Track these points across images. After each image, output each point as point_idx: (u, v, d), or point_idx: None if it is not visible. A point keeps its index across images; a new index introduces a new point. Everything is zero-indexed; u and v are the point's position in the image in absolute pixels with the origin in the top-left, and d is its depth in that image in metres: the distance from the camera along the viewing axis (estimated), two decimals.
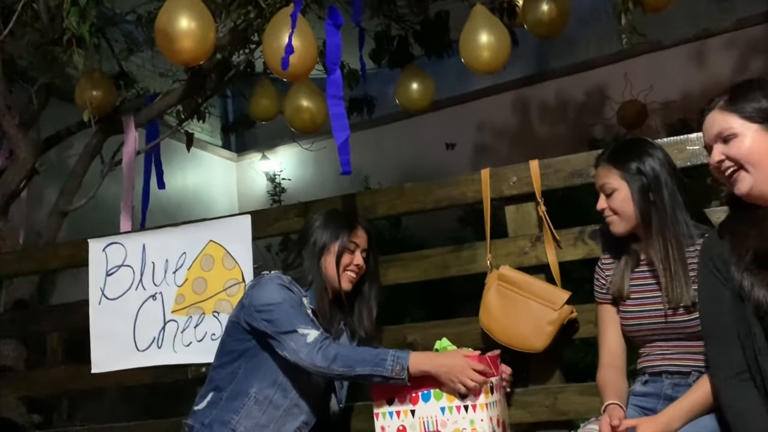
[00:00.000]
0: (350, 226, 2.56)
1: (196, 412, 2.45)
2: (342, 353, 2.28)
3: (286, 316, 2.35)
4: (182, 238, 3.12)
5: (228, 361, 2.46)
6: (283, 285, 2.41)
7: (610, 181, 2.24)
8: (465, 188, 2.83)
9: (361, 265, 2.54)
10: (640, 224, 2.19)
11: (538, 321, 2.51)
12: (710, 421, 1.98)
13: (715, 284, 1.87)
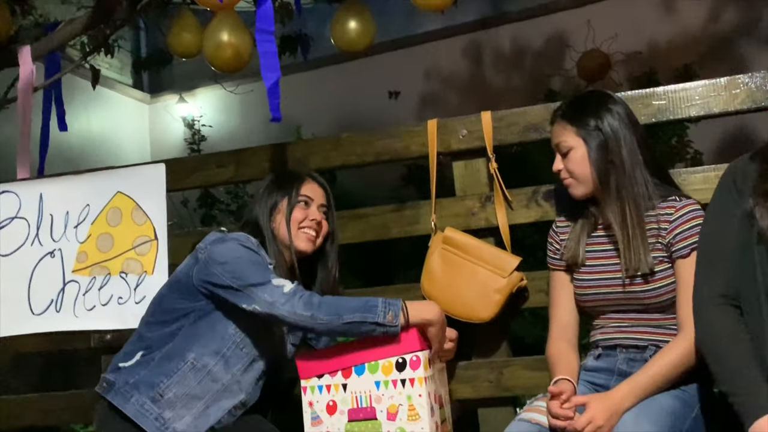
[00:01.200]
0: (299, 179, 2.55)
1: (120, 369, 2.41)
2: (327, 300, 2.26)
3: (254, 268, 2.32)
4: (85, 188, 3.06)
5: (166, 320, 2.42)
6: (249, 247, 2.38)
7: (565, 139, 2.27)
8: (409, 141, 2.84)
9: (319, 220, 2.52)
10: (598, 186, 2.24)
11: (485, 289, 2.56)
12: (666, 399, 2.05)
13: (729, 201, 1.96)
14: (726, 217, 1.95)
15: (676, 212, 2.19)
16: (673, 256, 2.17)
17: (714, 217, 2.01)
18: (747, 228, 1.88)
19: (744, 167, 1.98)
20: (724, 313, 1.89)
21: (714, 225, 2.00)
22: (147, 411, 2.31)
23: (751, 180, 1.93)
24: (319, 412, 2.34)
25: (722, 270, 1.92)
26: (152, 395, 2.32)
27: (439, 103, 7.76)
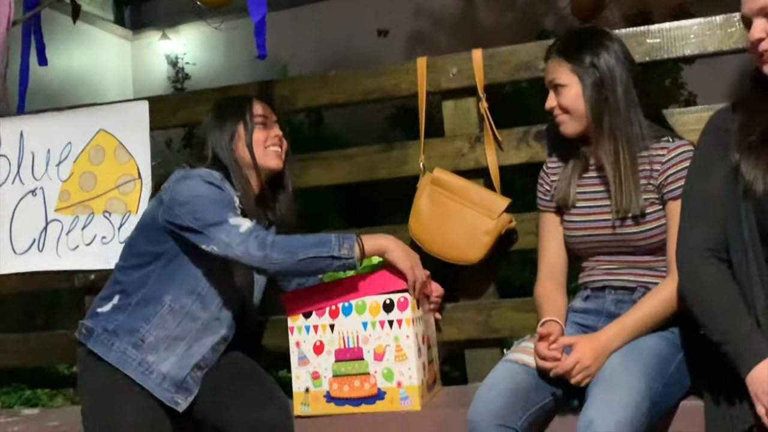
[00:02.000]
0: (247, 101, 2.55)
1: (98, 315, 2.43)
2: (280, 240, 2.26)
3: (214, 207, 2.32)
4: (67, 126, 3.04)
5: (139, 263, 2.43)
6: (211, 182, 2.37)
7: (560, 75, 2.26)
8: (398, 79, 2.82)
9: (281, 136, 2.55)
10: (591, 124, 2.24)
11: (474, 230, 2.57)
12: (653, 341, 2.08)
13: (713, 155, 1.96)
14: (711, 170, 1.95)
15: (668, 153, 2.19)
16: (665, 197, 2.18)
17: (699, 169, 2.01)
18: (733, 183, 1.89)
19: (727, 118, 1.98)
20: (710, 265, 1.90)
21: (699, 178, 1.99)
22: (129, 357, 2.33)
23: (733, 133, 1.92)
24: (306, 352, 2.37)
25: (708, 223, 1.92)
26: (133, 341, 2.34)
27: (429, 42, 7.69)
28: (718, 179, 1.92)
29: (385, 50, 7.32)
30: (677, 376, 2.06)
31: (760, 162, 1.84)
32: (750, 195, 1.85)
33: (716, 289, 1.88)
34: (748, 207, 1.86)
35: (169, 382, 2.35)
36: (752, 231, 1.85)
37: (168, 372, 2.35)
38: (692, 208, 1.98)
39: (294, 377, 2.40)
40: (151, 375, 2.33)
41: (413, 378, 2.30)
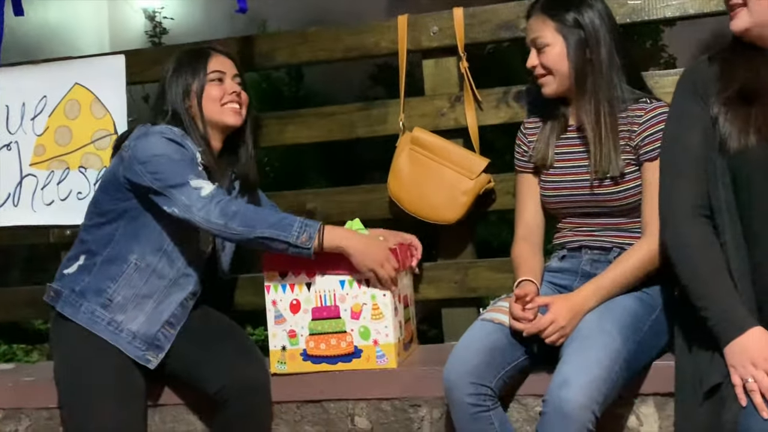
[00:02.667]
0: (205, 55, 2.48)
1: (64, 276, 2.42)
2: (243, 211, 2.24)
3: (175, 167, 2.28)
4: (42, 79, 3.00)
5: (103, 222, 2.41)
6: (172, 139, 2.34)
7: (544, 34, 2.24)
8: (379, 36, 2.80)
9: (239, 92, 2.48)
10: (573, 85, 2.23)
11: (452, 190, 2.57)
12: (627, 301, 2.10)
13: (692, 107, 1.95)
14: (690, 123, 1.95)
15: (645, 114, 2.20)
16: (641, 158, 2.19)
17: (677, 122, 2.00)
18: (710, 136, 1.89)
19: (703, 70, 1.98)
20: (696, 224, 1.90)
21: (679, 131, 1.98)
22: (98, 317, 2.33)
23: (710, 85, 1.93)
24: (283, 310, 2.38)
25: (693, 179, 1.91)
26: (101, 301, 2.34)
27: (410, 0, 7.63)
28: (698, 132, 1.92)
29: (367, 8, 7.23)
30: (651, 336, 2.09)
31: (736, 119, 1.85)
32: (724, 150, 1.86)
33: (701, 251, 1.88)
34: (722, 162, 1.87)
35: (140, 340, 2.35)
36: (726, 187, 1.87)
37: (138, 330, 2.35)
38: (674, 163, 1.97)
39: (270, 335, 2.40)
40: (121, 334, 2.33)
41: (390, 336, 2.31)
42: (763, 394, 1.71)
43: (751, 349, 1.75)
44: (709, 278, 1.85)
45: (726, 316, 1.80)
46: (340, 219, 2.73)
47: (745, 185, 1.85)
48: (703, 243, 1.88)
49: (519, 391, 2.22)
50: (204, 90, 2.43)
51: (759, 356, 1.74)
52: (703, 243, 1.88)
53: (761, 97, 1.85)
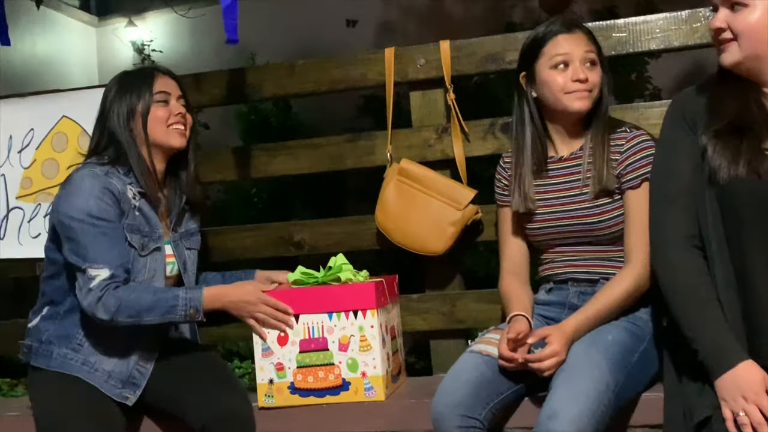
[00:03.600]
0: (149, 76, 2.43)
1: (31, 330, 2.41)
2: (125, 302, 2.23)
3: (83, 243, 2.26)
4: (30, 112, 3.00)
5: (55, 272, 2.39)
6: (95, 185, 2.28)
7: (594, 50, 2.25)
8: (366, 69, 2.81)
9: (184, 113, 2.43)
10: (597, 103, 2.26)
11: (440, 221, 2.57)
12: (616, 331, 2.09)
13: (682, 136, 1.96)
14: (680, 152, 1.95)
15: (627, 143, 2.21)
16: (623, 186, 2.19)
17: (667, 153, 2.00)
18: (700, 167, 1.90)
19: (692, 100, 1.99)
20: (687, 255, 1.89)
21: (669, 161, 1.98)
22: (71, 360, 2.32)
23: (700, 116, 1.93)
24: (270, 343, 2.36)
25: (684, 208, 1.91)
26: (72, 346, 2.33)
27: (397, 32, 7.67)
28: (688, 162, 1.92)
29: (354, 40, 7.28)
30: (640, 367, 2.08)
31: (725, 151, 1.85)
32: (714, 182, 1.86)
33: (692, 282, 1.87)
34: (712, 193, 1.87)
35: (115, 379, 2.33)
36: (715, 216, 1.87)
37: (113, 369, 2.33)
38: (665, 193, 1.97)
39: (257, 368, 2.38)
40: (96, 372, 2.32)
41: (377, 368, 2.30)
42: (754, 428, 1.71)
43: (742, 382, 1.74)
44: (699, 310, 1.84)
45: (717, 349, 1.79)
46: (327, 250, 2.73)
47: (735, 217, 1.85)
48: (694, 274, 1.87)
49: (508, 423, 2.19)
50: (150, 111, 2.38)
51: (750, 390, 1.73)
52: (694, 274, 1.87)
53: (751, 130, 1.85)
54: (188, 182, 2.50)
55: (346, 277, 2.38)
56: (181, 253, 2.48)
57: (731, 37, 1.88)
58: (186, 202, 2.52)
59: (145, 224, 2.37)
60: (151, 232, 2.38)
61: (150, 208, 2.39)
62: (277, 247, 2.91)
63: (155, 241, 2.38)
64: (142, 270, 2.35)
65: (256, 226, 3.01)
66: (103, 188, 2.29)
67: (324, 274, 2.41)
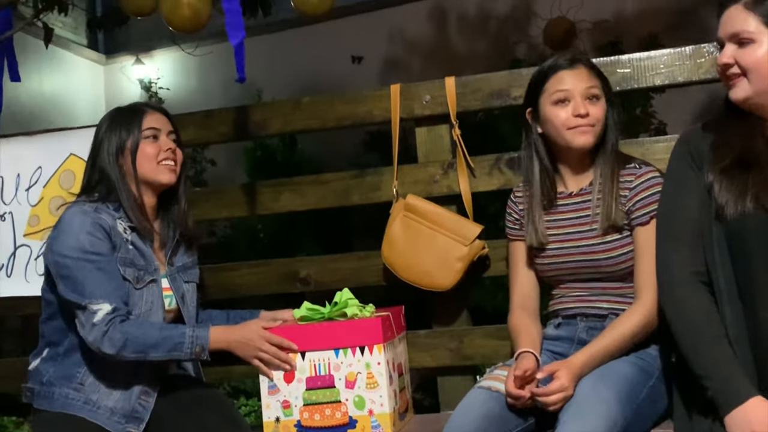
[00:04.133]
0: (139, 113, 2.44)
1: (32, 372, 2.40)
2: (132, 337, 2.23)
3: (80, 280, 2.26)
4: (38, 150, 3.01)
5: (52, 313, 2.39)
6: (85, 221, 2.29)
7: (596, 85, 2.26)
8: (371, 105, 2.82)
9: (174, 148, 2.43)
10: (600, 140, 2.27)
11: (447, 256, 2.56)
12: (624, 366, 2.08)
13: (688, 173, 1.96)
14: (687, 189, 1.95)
15: (636, 179, 2.21)
16: (633, 223, 2.19)
17: (674, 190, 2.00)
18: (707, 204, 1.90)
19: (698, 137, 1.99)
20: (695, 292, 1.88)
21: (675, 198, 1.98)
22: (73, 399, 2.31)
23: (706, 154, 1.93)
24: (276, 380, 2.34)
25: (691, 245, 1.91)
26: (73, 386, 2.32)
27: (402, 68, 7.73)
28: (694, 199, 1.92)
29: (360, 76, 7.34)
30: (648, 403, 2.06)
31: (732, 186, 1.85)
32: (721, 218, 1.86)
33: (700, 320, 1.86)
34: (720, 229, 1.86)
35: (119, 415, 2.31)
36: (722, 253, 1.86)
37: (115, 406, 2.31)
38: (671, 231, 1.96)
39: (264, 406, 2.36)
40: (99, 411, 2.30)
41: (385, 405, 2.28)
42: None
43: (753, 419, 1.73)
44: (709, 347, 1.82)
45: (726, 386, 1.77)
46: (333, 286, 2.71)
47: (742, 252, 1.84)
48: (702, 311, 1.86)
49: None
50: (139, 147, 2.39)
51: (760, 426, 1.72)
52: (702, 311, 1.86)
53: (757, 165, 1.85)
54: (180, 216, 2.50)
55: (353, 312, 2.38)
56: (178, 286, 2.48)
57: (739, 72, 1.89)
58: (181, 236, 2.52)
59: (139, 257, 2.37)
60: (147, 265, 2.38)
61: (143, 242, 2.39)
62: (283, 283, 2.90)
63: (151, 273, 2.39)
64: (139, 303, 2.35)
65: (262, 262, 3.00)
66: (93, 223, 2.30)
67: (330, 309, 2.40)
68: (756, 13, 1.86)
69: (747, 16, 1.87)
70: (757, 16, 1.86)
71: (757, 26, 1.86)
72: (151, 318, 2.36)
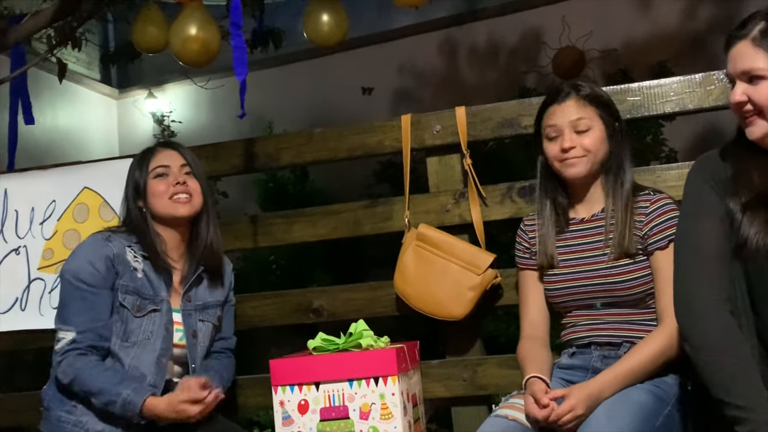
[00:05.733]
0: (150, 153, 2.56)
1: (42, 392, 2.50)
2: (79, 376, 2.33)
3: (63, 303, 2.43)
4: (52, 184, 3.04)
5: None
6: (91, 250, 2.43)
7: (586, 117, 2.26)
8: (382, 136, 2.83)
9: (183, 181, 2.49)
10: (601, 171, 2.27)
11: (459, 286, 2.56)
12: (639, 395, 2.05)
13: (708, 197, 1.93)
14: (708, 213, 1.92)
15: (651, 205, 2.22)
16: (650, 248, 2.19)
17: (694, 213, 1.97)
18: (728, 231, 1.87)
19: (718, 165, 1.96)
20: (715, 317, 1.83)
21: (696, 222, 1.95)
22: (64, 422, 2.38)
23: (725, 181, 1.91)
24: (291, 411, 2.34)
25: (717, 272, 1.87)
26: (67, 408, 2.39)
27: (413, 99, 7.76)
28: (715, 223, 1.90)
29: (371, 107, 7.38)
30: (664, 431, 2.03)
31: (755, 221, 1.83)
32: (741, 252, 1.83)
33: (728, 352, 1.80)
34: (738, 265, 1.84)
35: None
36: (742, 288, 1.84)
37: (103, 429, 2.36)
38: (697, 256, 1.91)
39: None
40: None
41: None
42: None
43: None
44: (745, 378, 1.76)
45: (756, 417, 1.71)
46: (346, 317, 2.71)
47: (762, 289, 1.81)
48: (729, 341, 1.80)
49: None
50: (148, 187, 2.49)
51: None
52: (729, 341, 1.80)
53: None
54: (201, 250, 2.54)
55: (367, 343, 2.37)
56: (191, 323, 2.51)
57: (753, 109, 1.85)
58: (204, 271, 2.53)
59: (147, 287, 2.44)
60: (154, 295, 2.45)
61: (156, 273, 2.46)
62: (296, 313, 2.90)
63: (155, 304, 2.44)
64: (136, 330, 2.41)
65: (274, 293, 3.00)
66: (98, 253, 2.42)
67: (345, 340, 2.40)
68: (765, 49, 1.82)
69: (756, 53, 1.83)
70: (766, 52, 1.82)
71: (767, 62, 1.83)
72: (148, 347, 2.41)
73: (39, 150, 6.77)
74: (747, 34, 1.85)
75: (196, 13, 3.99)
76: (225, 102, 7.68)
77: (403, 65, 8.00)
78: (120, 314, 2.41)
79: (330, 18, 4.29)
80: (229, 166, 3.00)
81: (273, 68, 7.68)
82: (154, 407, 2.30)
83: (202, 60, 4.06)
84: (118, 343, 2.41)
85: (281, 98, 7.76)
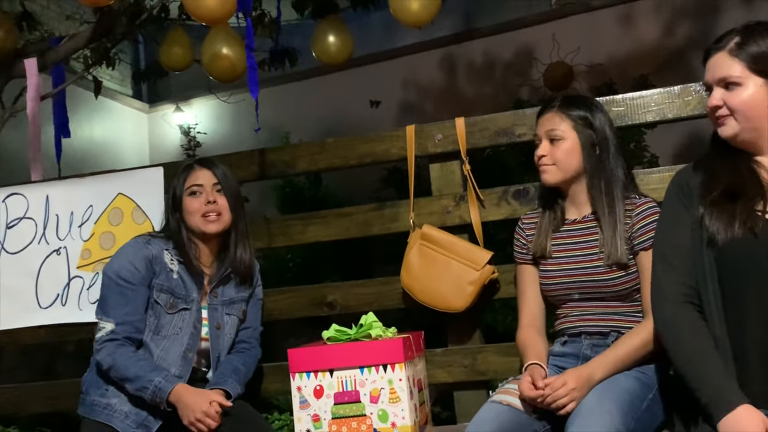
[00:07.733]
0: (184, 171, 2.56)
1: (83, 378, 2.52)
2: (116, 364, 2.36)
3: (104, 297, 2.45)
4: (89, 190, 3.05)
5: None
6: (132, 251, 2.46)
7: (560, 128, 2.26)
8: (389, 144, 2.84)
9: (213, 200, 2.49)
10: (583, 178, 2.25)
11: (460, 281, 2.56)
12: (626, 381, 2.06)
13: (679, 208, 1.95)
14: (679, 222, 1.94)
15: (636, 208, 2.21)
16: (636, 248, 2.19)
17: (667, 223, 1.99)
18: (698, 235, 1.88)
19: (689, 177, 1.98)
20: (684, 311, 1.87)
21: (668, 230, 1.98)
22: (96, 405, 2.40)
23: (696, 190, 1.92)
24: (307, 396, 2.34)
25: (680, 271, 1.89)
26: (100, 392, 2.41)
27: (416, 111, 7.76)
28: (686, 230, 1.91)
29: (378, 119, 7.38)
30: (649, 414, 2.03)
31: (722, 215, 1.84)
32: (712, 245, 1.84)
33: (690, 335, 1.84)
34: (710, 256, 1.85)
35: (131, 420, 2.37)
36: (713, 277, 1.84)
37: (130, 411, 2.38)
38: (664, 257, 1.95)
39: (296, 420, 2.36)
40: (114, 414, 2.37)
41: (406, 419, 2.27)
42: None
43: (743, 423, 1.70)
44: (699, 360, 1.80)
45: (719, 395, 1.74)
46: (358, 309, 2.72)
47: (733, 278, 1.82)
48: (691, 327, 1.84)
49: None
50: (183, 203, 2.51)
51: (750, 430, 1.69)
52: (691, 327, 1.84)
53: (744, 194, 1.85)
54: (233, 258, 2.56)
55: (377, 334, 2.38)
56: (216, 316, 2.52)
57: (727, 113, 1.89)
58: (233, 273, 2.56)
59: (181, 287, 2.47)
60: (186, 295, 2.47)
61: (189, 276, 2.49)
62: (311, 307, 2.90)
63: (187, 303, 2.47)
64: (167, 325, 2.44)
65: (291, 288, 3.00)
66: (138, 254, 2.46)
67: (356, 331, 2.41)
68: (740, 59, 1.87)
69: (732, 62, 1.88)
70: (741, 62, 1.87)
71: (743, 71, 1.87)
72: (177, 342, 2.43)
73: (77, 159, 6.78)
74: (724, 46, 1.90)
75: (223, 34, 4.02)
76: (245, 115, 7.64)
77: (408, 80, 8.00)
78: (154, 310, 2.44)
79: (336, 39, 4.32)
80: (250, 173, 3.01)
81: (289, 84, 7.70)
82: (180, 395, 2.30)
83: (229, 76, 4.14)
84: (150, 336, 2.43)
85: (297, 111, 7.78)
